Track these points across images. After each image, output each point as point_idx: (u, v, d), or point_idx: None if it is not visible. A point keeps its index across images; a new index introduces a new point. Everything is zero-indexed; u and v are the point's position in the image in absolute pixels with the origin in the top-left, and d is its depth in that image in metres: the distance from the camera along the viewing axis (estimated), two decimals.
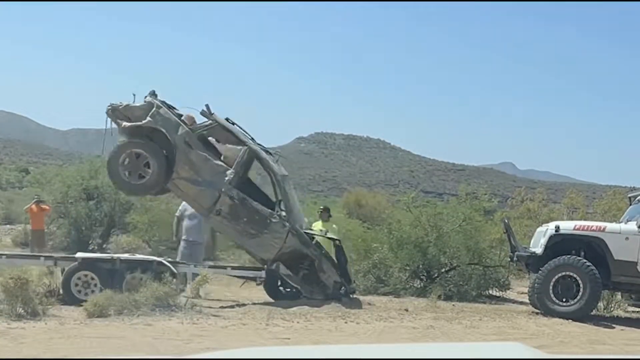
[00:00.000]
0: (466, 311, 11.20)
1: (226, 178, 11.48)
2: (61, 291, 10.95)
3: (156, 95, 12.00)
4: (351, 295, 11.75)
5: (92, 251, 16.74)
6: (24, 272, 9.75)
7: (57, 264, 11.67)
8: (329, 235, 12.36)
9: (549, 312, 11.17)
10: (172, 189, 12.09)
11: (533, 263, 11.68)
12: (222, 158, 11.89)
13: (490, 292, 14.50)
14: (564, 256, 11.28)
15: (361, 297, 12.37)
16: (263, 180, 13.20)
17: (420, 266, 14.53)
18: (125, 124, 11.65)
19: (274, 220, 11.46)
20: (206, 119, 11.93)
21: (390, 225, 15.11)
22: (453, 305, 12.43)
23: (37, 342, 7.60)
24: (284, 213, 11.57)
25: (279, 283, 11.91)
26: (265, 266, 11.64)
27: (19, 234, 19.67)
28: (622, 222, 11.93)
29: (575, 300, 11.10)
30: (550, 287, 11.14)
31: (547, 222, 13.63)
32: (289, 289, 11.77)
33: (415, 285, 14.34)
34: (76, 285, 11.02)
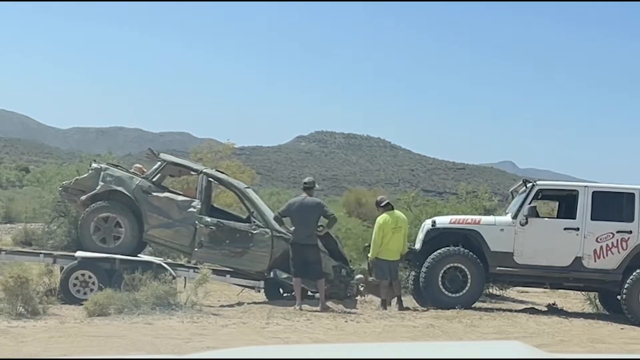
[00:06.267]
0: (466, 310, 11.20)
1: (195, 210, 11.57)
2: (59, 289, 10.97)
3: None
4: (353, 279, 11.83)
5: None
6: (24, 270, 9.76)
7: (56, 261, 11.69)
8: None
9: (436, 303, 11.34)
10: (149, 240, 12.07)
11: (413, 258, 12.00)
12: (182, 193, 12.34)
13: (490, 290, 14.49)
14: (451, 247, 11.53)
15: (361, 296, 12.36)
16: None
17: None
18: (82, 197, 11.70)
19: (254, 232, 11.53)
20: (156, 162, 12.20)
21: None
22: None
23: (37, 341, 7.60)
24: (259, 222, 11.67)
25: (281, 290, 11.92)
26: (265, 276, 11.66)
27: (19, 233, 19.64)
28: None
29: (464, 290, 11.37)
30: (439, 278, 11.39)
31: None
32: (287, 294, 11.78)
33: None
34: (74, 284, 11.03)
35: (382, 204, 11.82)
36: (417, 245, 12.02)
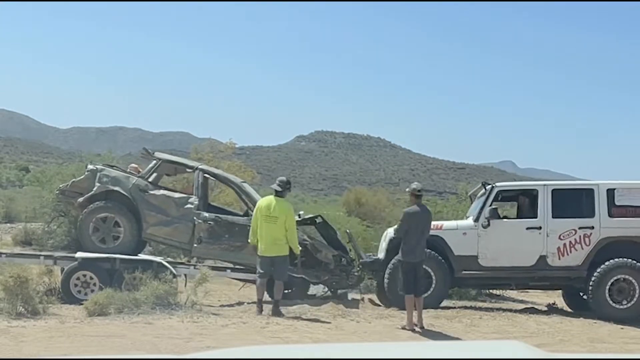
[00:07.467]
0: (466, 310, 11.20)
1: (192, 206, 11.58)
2: (60, 290, 10.96)
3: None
4: (353, 271, 11.81)
5: None
6: (24, 270, 9.76)
7: (56, 263, 11.67)
8: (309, 216, 12.51)
9: (400, 304, 10.98)
10: (149, 239, 12.07)
11: (379, 268, 11.76)
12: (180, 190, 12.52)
13: (490, 290, 14.48)
14: None
15: (361, 295, 12.37)
16: None
17: None
18: (80, 199, 11.72)
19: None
20: (151, 160, 12.19)
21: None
22: (453, 303, 12.43)
23: (37, 340, 7.60)
24: None
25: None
26: None
27: (19, 233, 19.65)
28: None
29: (429, 292, 11.16)
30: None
31: None
32: (287, 290, 11.77)
33: None
34: (75, 285, 11.02)
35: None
36: (381, 255, 11.82)
